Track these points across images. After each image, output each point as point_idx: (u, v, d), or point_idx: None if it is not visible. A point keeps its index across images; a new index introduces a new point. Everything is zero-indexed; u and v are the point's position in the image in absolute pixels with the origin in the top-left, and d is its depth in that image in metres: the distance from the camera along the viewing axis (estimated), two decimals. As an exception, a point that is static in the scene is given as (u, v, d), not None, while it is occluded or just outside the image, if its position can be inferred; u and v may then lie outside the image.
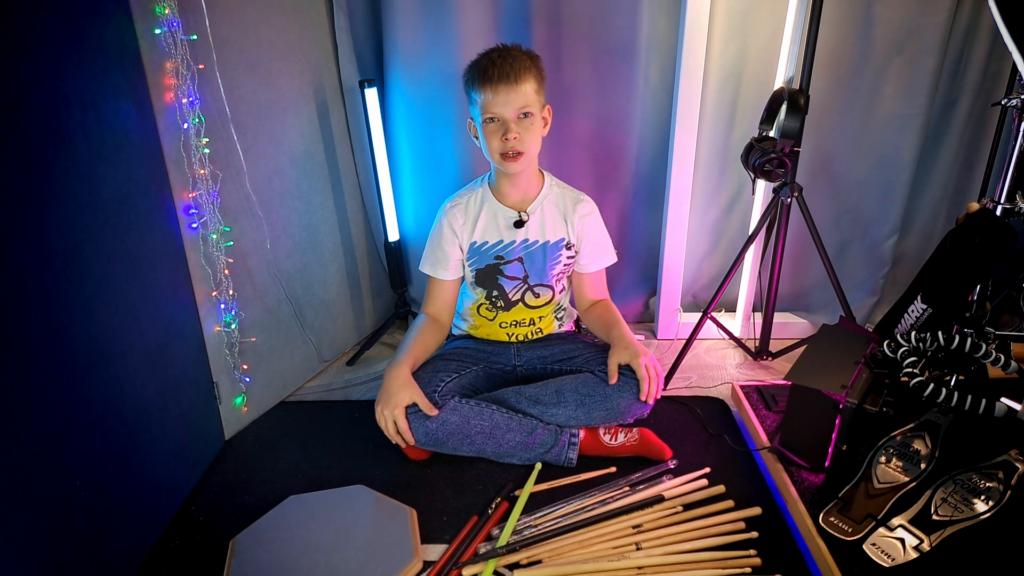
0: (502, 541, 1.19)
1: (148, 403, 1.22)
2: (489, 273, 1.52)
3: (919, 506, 1.14)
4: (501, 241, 1.50)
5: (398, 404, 1.34)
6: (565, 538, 1.20)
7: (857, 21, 1.69)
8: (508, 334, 1.58)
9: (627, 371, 1.41)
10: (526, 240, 1.50)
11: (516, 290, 1.54)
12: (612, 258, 1.58)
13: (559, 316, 1.62)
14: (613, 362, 1.40)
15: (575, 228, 1.51)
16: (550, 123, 1.45)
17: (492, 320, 1.58)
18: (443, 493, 1.34)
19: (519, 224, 1.48)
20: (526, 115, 1.37)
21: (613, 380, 1.39)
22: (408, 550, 1.18)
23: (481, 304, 1.57)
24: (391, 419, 1.34)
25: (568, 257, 1.53)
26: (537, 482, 1.35)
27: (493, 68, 1.33)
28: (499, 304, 1.55)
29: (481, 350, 1.57)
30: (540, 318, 1.58)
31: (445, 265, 1.51)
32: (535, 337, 1.60)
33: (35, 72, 0.94)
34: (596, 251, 1.55)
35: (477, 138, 1.44)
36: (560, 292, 1.58)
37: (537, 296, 1.55)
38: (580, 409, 1.39)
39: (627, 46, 1.74)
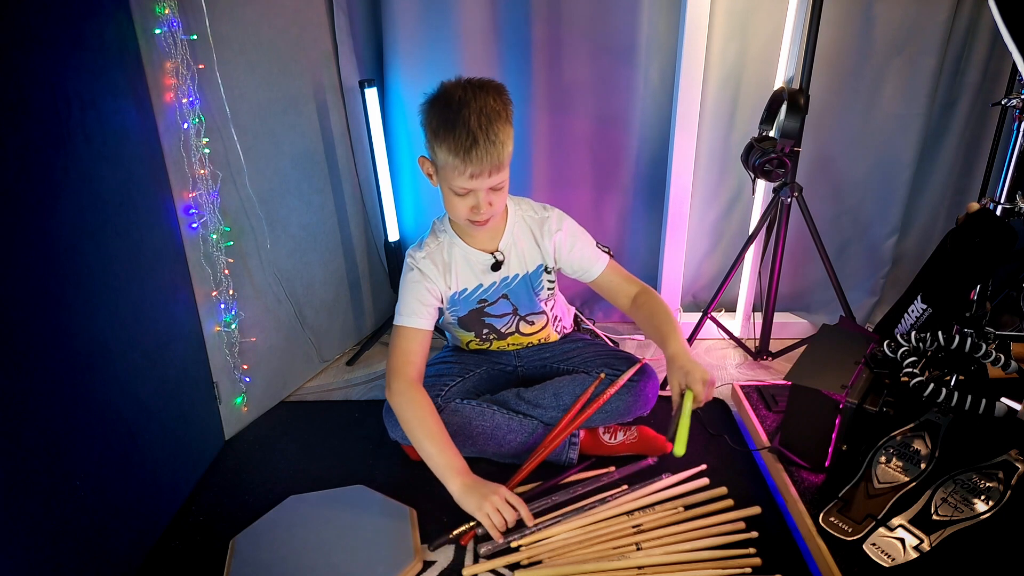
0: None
1: (148, 403, 1.22)
2: (474, 317, 1.44)
3: (919, 506, 1.14)
4: (480, 285, 1.39)
5: (498, 491, 1.19)
6: (565, 538, 1.20)
7: (857, 21, 1.69)
8: (507, 346, 1.55)
9: (625, 373, 1.41)
10: (506, 277, 1.39)
11: (508, 324, 1.47)
12: (603, 259, 1.41)
13: (557, 329, 1.57)
14: (674, 387, 1.22)
15: (550, 249, 1.38)
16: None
17: (488, 348, 1.54)
18: (443, 493, 1.33)
19: (496, 267, 1.37)
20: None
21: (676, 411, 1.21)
22: (408, 550, 1.18)
23: (471, 341, 1.52)
24: (503, 505, 1.17)
25: (549, 281, 1.44)
26: (535, 482, 1.35)
27: (476, 149, 1.14)
28: (492, 337, 1.50)
29: (481, 352, 1.56)
30: (539, 341, 1.54)
31: (425, 314, 1.34)
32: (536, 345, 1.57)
33: (35, 72, 0.94)
34: (585, 254, 1.40)
35: (432, 178, 1.27)
36: (552, 312, 1.52)
37: (531, 324, 1.49)
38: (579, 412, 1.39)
39: (627, 46, 1.74)
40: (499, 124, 1.17)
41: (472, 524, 1.20)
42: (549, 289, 1.46)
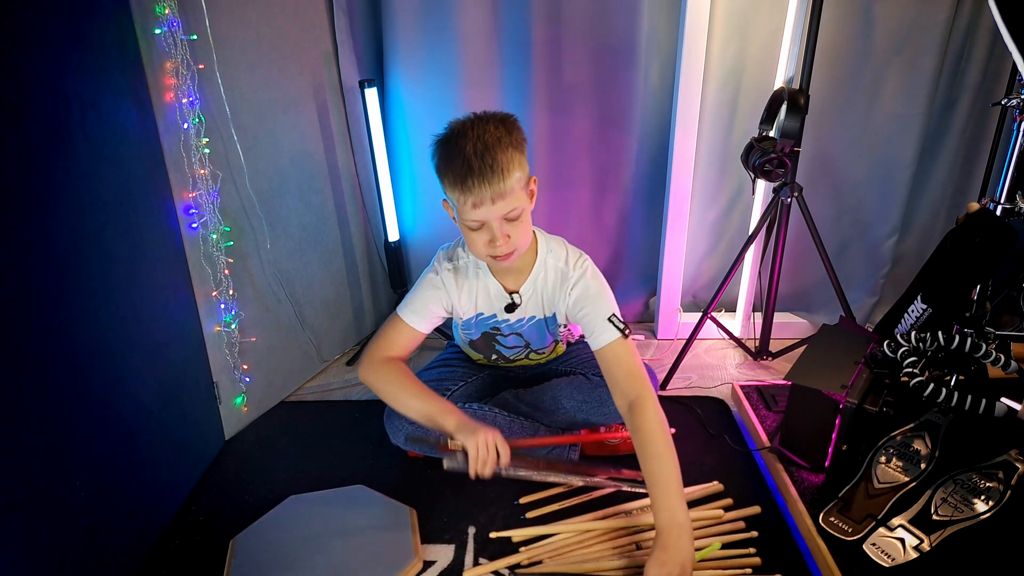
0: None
1: (148, 403, 1.22)
2: (486, 342, 1.43)
3: (919, 506, 1.14)
4: (495, 316, 1.36)
5: (491, 430, 1.17)
6: (565, 539, 1.21)
7: (857, 21, 1.69)
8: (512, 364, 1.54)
9: None
10: (521, 319, 1.37)
11: (518, 354, 1.46)
12: (612, 334, 1.23)
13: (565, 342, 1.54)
14: (647, 572, 1.03)
15: (567, 307, 1.32)
16: (536, 194, 1.22)
17: (492, 364, 1.53)
18: (443, 493, 1.34)
19: (511, 308, 1.34)
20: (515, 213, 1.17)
21: None
22: (408, 550, 1.18)
23: (479, 359, 1.51)
24: (500, 442, 1.17)
25: (566, 327, 1.42)
26: (537, 484, 1.34)
27: (472, 177, 1.10)
28: (499, 363, 1.49)
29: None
30: (545, 361, 1.53)
31: (427, 316, 1.32)
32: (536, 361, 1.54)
33: (35, 72, 0.94)
34: (589, 322, 1.27)
35: (455, 220, 1.22)
36: (563, 339, 1.48)
37: (541, 354, 1.47)
38: (579, 415, 1.39)
39: (627, 46, 1.74)
40: (498, 151, 1.11)
41: (458, 444, 1.18)
42: (566, 329, 1.44)
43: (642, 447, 1.15)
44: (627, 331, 1.26)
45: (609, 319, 1.25)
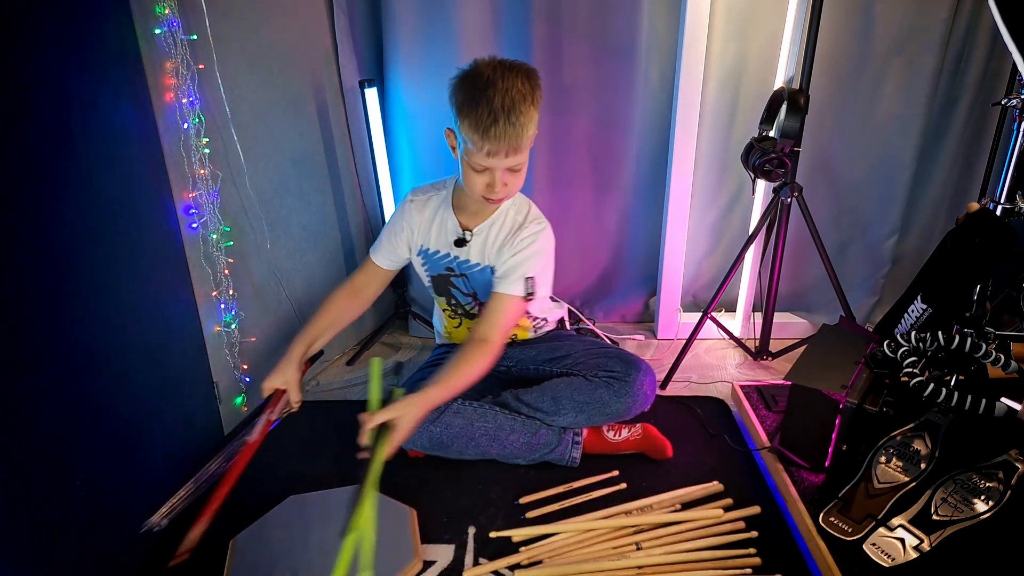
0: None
1: (148, 403, 1.22)
2: (441, 283, 1.48)
3: (919, 506, 1.14)
4: (448, 254, 1.43)
5: (270, 382, 1.29)
6: (565, 539, 1.20)
7: (857, 21, 1.69)
8: None
9: (619, 373, 1.40)
10: (468, 260, 1.41)
11: (471, 305, 1.49)
12: (516, 289, 1.32)
13: (536, 326, 1.56)
14: (382, 415, 1.15)
15: (505, 249, 1.36)
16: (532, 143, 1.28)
17: (458, 327, 1.55)
18: (443, 493, 1.34)
19: (459, 243, 1.40)
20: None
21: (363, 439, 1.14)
22: (408, 550, 1.18)
23: (445, 310, 1.54)
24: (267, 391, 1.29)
25: None
26: (538, 484, 1.35)
27: (495, 128, 1.16)
28: (459, 313, 1.52)
29: None
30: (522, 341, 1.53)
31: (389, 252, 1.45)
32: (512, 342, 1.55)
33: (35, 72, 0.94)
34: (505, 271, 1.34)
35: (454, 151, 1.29)
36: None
37: None
38: (580, 415, 1.39)
39: (627, 46, 1.74)
40: (523, 106, 1.18)
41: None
42: None
43: (460, 352, 1.28)
44: (529, 297, 1.35)
45: (525, 278, 1.34)
